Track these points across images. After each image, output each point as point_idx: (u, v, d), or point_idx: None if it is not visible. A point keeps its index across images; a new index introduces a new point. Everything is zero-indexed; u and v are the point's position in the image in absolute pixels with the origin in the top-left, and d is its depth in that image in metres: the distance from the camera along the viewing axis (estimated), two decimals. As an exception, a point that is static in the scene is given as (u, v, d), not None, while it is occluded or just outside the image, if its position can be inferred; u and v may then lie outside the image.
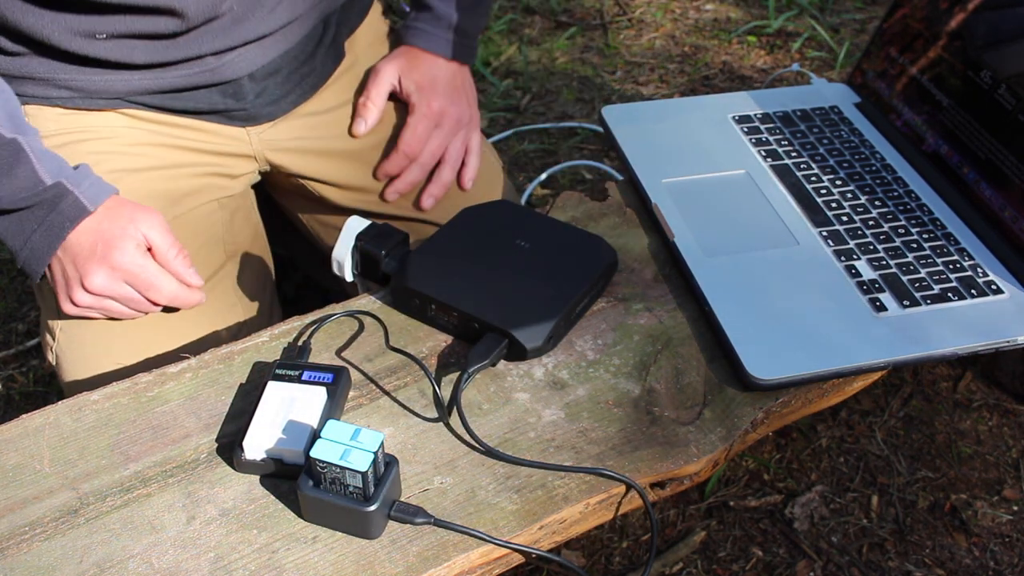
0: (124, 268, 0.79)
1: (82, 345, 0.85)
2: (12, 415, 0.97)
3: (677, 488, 0.70)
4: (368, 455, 0.59)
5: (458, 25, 1.00)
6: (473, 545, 0.62)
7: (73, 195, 0.79)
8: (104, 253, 0.78)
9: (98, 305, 0.81)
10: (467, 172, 1.00)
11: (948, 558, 1.08)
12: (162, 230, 0.81)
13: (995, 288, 0.80)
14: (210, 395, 0.71)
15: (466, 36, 1.01)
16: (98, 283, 0.79)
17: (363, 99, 0.98)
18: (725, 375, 0.74)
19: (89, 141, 0.88)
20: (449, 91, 0.99)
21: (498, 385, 0.72)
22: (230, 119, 0.93)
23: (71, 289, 0.80)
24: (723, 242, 0.83)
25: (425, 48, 1.00)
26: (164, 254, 0.81)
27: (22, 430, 0.69)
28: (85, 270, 0.79)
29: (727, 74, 1.87)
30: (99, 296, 0.80)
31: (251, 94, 0.92)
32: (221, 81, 0.89)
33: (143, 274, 0.80)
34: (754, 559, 1.09)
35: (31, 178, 0.78)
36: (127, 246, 0.79)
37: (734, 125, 0.98)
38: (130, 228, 0.80)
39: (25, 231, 0.79)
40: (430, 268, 0.77)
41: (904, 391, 1.26)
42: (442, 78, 0.99)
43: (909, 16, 0.98)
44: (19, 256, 0.81)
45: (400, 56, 1.00)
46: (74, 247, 0.79)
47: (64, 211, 0.78)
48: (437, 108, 0.98)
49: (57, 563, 0.60)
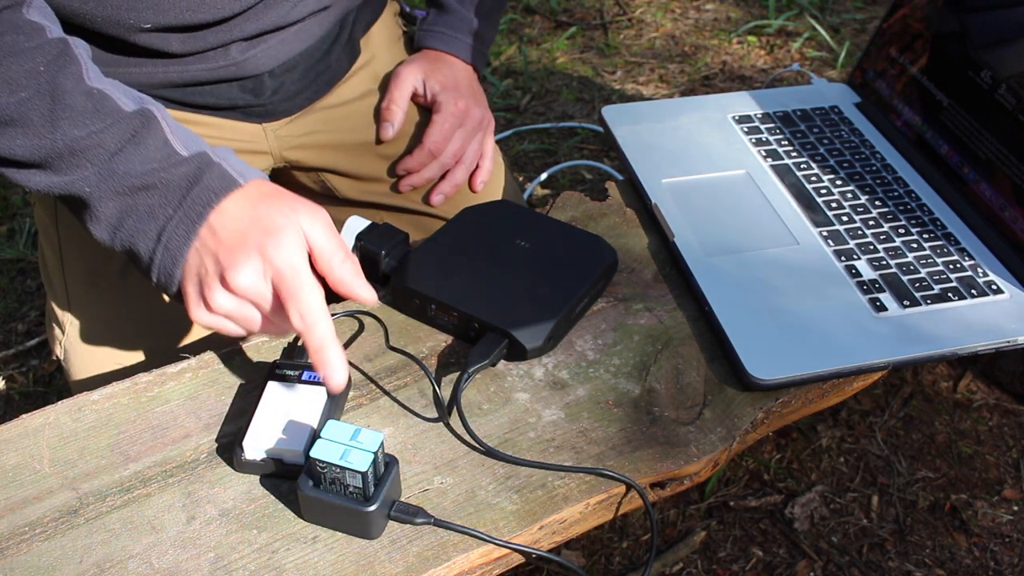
0: (278, 265, 0.61)
1: (92, 338, 0.84)
2: (12, 415, 0.97)
3: (677, 488, 0.70)
4: (368, 455, 0.59)
5: (477, 31, 1.01)
6: (473, 545, 0.62)
7: (220, 166, 0.65)
8: (260, 242, 0.61)
9: (238, 313, 0.63)
10: (480, 175, 1.01)
11: (948, 558, 1.08)
12: (328, 228, 0.64)
13: (995, 288, 0.80)
14: (210, 395, 0.71)
15: (482, 43, 1.03)
16: (245, 281, 0.61)
17: (386, 103, 0.99)
18: (725, 375, 0.74)
19: None
20: (471, 92, 1.01)
21: (498, 385, 0.72)
22: (247, 115, 0.94)
23: (207, 289, 0.63)
24: (723, 242, 0.83)
25: (446, 50, 1.01)
26: (329, 258, 0.64)
27: (22, 430, 0.69)
28: (230, 261, 0.61)
29: (727, 74, 1.87)
30: (242, 299, 0.63)
31: (269, 90, 0.92)
32: (243, 76, 0.90)
33: (295, 279, 0.61)
34: (754, 559, 1.09)
35: (163, 148, 0.64)
36: (288, 239, 0.62)
37: (734, 125, 0.98)
38: (292, 217, 0.63)
39: (158, 219, 0.64)
40: (430, 268, 0.77)
41: (904, 391, 1.26)
42: (463, 80, 1.01)
43: (909, 16, 0.98)
44: (154, 264, 0.65)
45: (421, 59, 1.01)
46: (219, 232, 0.63)
47: (210, 184, 0.63)
48: (463, 107, 0.99)
49: (57, 563, 0.60)
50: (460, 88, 1.00)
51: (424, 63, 1.00)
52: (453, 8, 1.01)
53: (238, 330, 0.65)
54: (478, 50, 1.02)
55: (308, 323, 0.61)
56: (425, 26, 1.03)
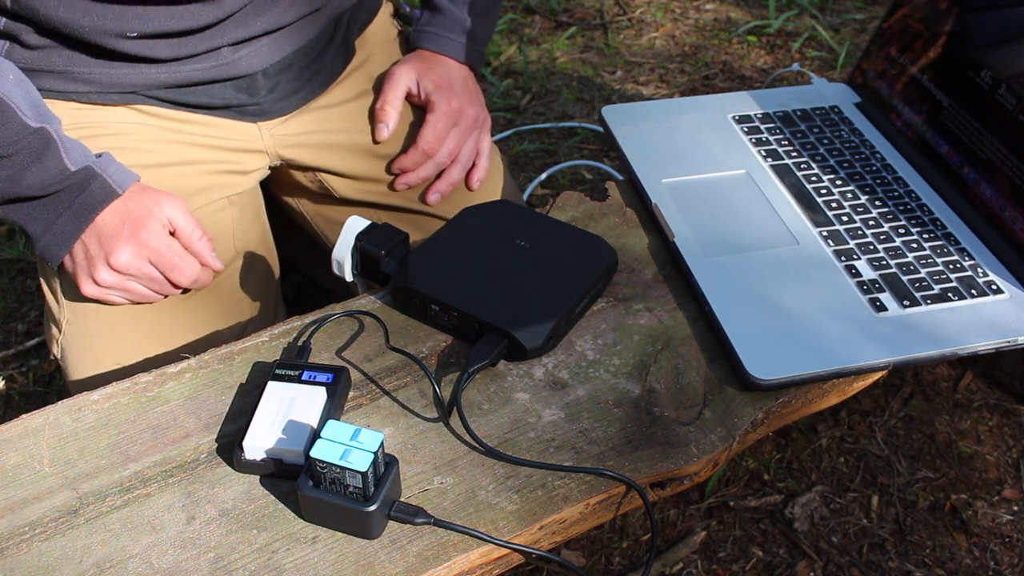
0: (151, 247, 0.81)
1: (89, 336, 0.85)
2: (12, 415, 0.97)
3: (677, 488, 0.70)
4: (368, 455, 0.59)
5: (470, 30, 1.01)
6: (473, 545, 0.62)
7: (102, 178, 0.81)
8: (132, 231, 0.81)
9: (120, 285, 0.82)
10: (476, 173, 1.01)
11: (948, 558, 1.08)
12: (186, 213, 0.84)
13: (995, 288, 0.80)
14: (210, 395, 0.71)
15: (477, 42, 1.02)
16: (124, 260, 0.80)
17: (380, 103, 0.99)
18: (725, 375, 0.74)
19: (103, 137, 0.88)
20: (465, 92, 1.01)
21: (498, 385, 0.72)
22: (242, 114, 0.94)
23: (94, 268, 0.81)
24: (723, 242, 0.83)
25: (439, 51, 1.01)
26: (188, 236, 0.83)
27: (22, 430, 0.69)
28: (111, 248, 0.80)
29: (727, 74, 1.87)
30: (123, 275, 0.81)
31: (264, 89, 0.93)
32: (236, 75, 0.90)
33: (168, 254, 0.82)
34: (754, 559, 1.09)
35: (58, 165, 0.79)
36: (154, 226, 0.81)
37: (734, 125, 0.98)
38: (156, 209, 0.82)
39: (50, 215, 0.81)
40: (430, 268, 0.77)
41: (904, 391, 1.26)
42: (458, 79, 1.01)
43: (909, 16, 0.98)
44: (39, 241, 0.82)
45: (414, 59, 1.01)
46: (100, 227, 0.81)
47: (94, 192, 0.80)
48: (456, 106, 0.99)
49: (57, 563, 0.60)
50: (454, 87, 0.99)
51: (417, 63, 1.00)
52: (445, 8, 1.01)
53: (120, 299, 0.84)
54: (472, 49, 1.02)
55: (190, 279, 0.84)
56: (419, 27, 1.03)
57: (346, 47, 1.00)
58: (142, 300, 0.85)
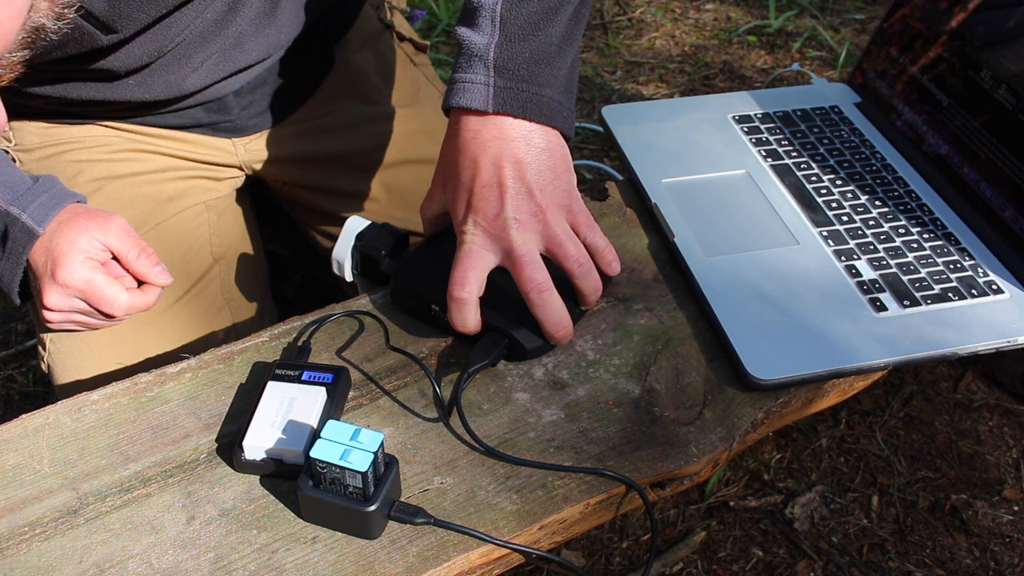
0: (71, 285, 0.77)
1: (69, 355, 0.85)
2: (12, 415, 0.97)
3: (677, 488, 0.70)
4: (368, 455, 0.59)
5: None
6: (473, 545, 0.62)
7: (19, 221, 0.78)
8: (52, 271, 0.77)
9: (66, 319, 0.80)
10: (601, 261, 0.75)
11: (948, 558, 1.08)
12: (120, 233, 0.79)
13: (995, 288, 0.80)
14: (210, 395, 0.71)
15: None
16: (53, 301, 0.78)
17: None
18: (725, 375, 0.74)
19: (73, 151, 0.88)
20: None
21: (498, 385, 0.72)
22: (215, 131, 0.92)
23: (40, 306, 0.80)
24: (723, 242, 0.83)
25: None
26: (125, 256, 0.79)
27: (22, 430, 0.69)
28: (42, 288, 0.78)
29: (727, 74, 1.87)
30: (61, 311, 0.79)
31: (236, 108, 0.91)
32: (206, 100, 0.89)
33: (89, 289, 0.77)
34: (754, 559, 1.09)
35: None
36: (72, 262, 0.77)
37: (734, 125, 0.98)
38: (80, 241, 0.77)
39: None
40: (430, 268, 0.77)
41: (904, 391, 1.26)
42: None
43: (909, 16, 0.98)
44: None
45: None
46: (34, 267, 0.79)
47: (16, 237, 0.78)
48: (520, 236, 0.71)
49: (57, 563, 0.60)
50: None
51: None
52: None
53: (79, 328, 0.82)
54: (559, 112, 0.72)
55: (123, 311, 0.78)
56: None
57: (324, 59, 0.97)
58: (99, 327, 0.82)
